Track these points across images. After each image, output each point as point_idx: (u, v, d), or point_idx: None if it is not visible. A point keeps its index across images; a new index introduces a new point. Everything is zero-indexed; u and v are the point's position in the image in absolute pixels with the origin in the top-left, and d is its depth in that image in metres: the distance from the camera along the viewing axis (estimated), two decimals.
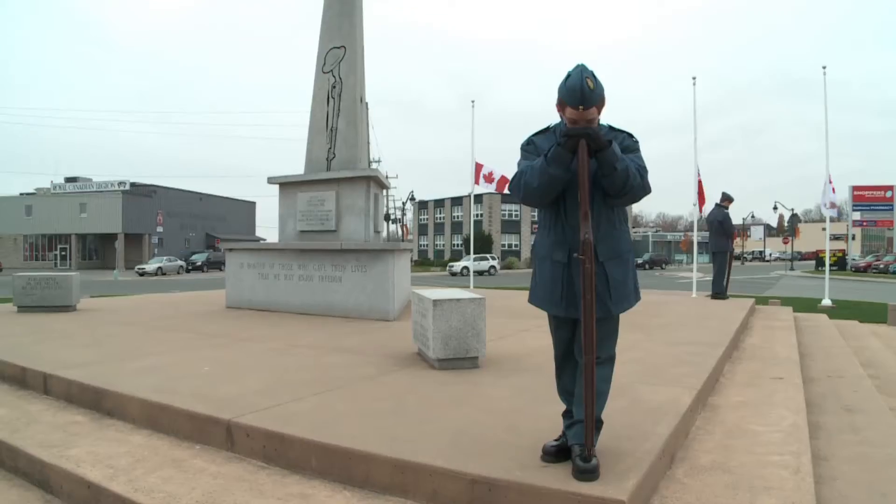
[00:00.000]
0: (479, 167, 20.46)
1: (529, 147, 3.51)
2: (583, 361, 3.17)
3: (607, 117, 3.34)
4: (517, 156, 3.57)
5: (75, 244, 75.21)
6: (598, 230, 3.28)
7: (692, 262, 18.08)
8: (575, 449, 3.23)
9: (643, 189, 3.29)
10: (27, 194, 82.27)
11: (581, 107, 3.10)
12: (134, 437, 4.46)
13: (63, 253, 75.90)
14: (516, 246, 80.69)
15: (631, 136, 3.48)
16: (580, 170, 3.11)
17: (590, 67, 3.17)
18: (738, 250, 72.94)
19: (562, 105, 3.23)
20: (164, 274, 58.96)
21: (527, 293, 3.71)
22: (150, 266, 59.76)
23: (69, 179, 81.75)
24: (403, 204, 77.67)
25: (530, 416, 4.26)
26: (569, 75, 3.16)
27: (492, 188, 21.31)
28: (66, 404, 5.36)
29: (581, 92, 3.08)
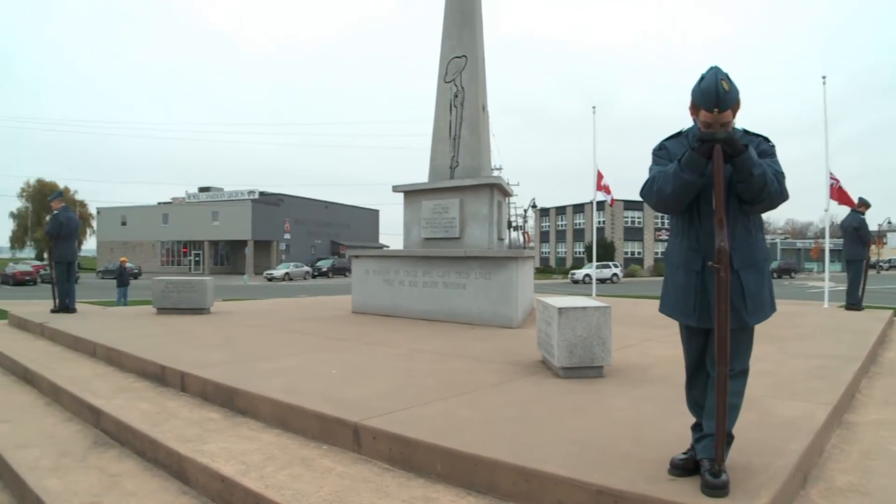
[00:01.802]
0: (600, 174, 20.31)
1: (661, 152, 3.47)
2: (715, 373, 3.10)
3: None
4: (641, 162, 3.53)
5: (208, 250, 79.29)
6: (734, 238, 3.19)
7: (824, 271, 17.21)
8: (704, 463, 3.15)
9: (781, 195, 3.19)
10: (164, 203, 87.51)
11: (716, 109, 3.04)
12: (265, 435, 4.66)
13: (197, 258, 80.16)
14: (639, 253, 79.40)
15: (767, 139, 3.39)
16: (715, 175, 3.04)
17: (724, 70, 3.10)
18: (873, 258, 68.80)
19: (695, 108, 3.18)
20: (291, 279, 61.24)
21: (651, 302, 3.66)
22: (278, 271, 62.28)
23: (202, 189, 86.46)
24: (525, 211, 77.61)
25: (656, 427, 4.18)
26: (703, 77, 3.12)
27: (607, 199, 21.14)
28: (202, 402, 5.67)
29: (716, 94, 3.02)
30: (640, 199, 3.49)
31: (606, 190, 20.73)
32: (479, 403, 4.91)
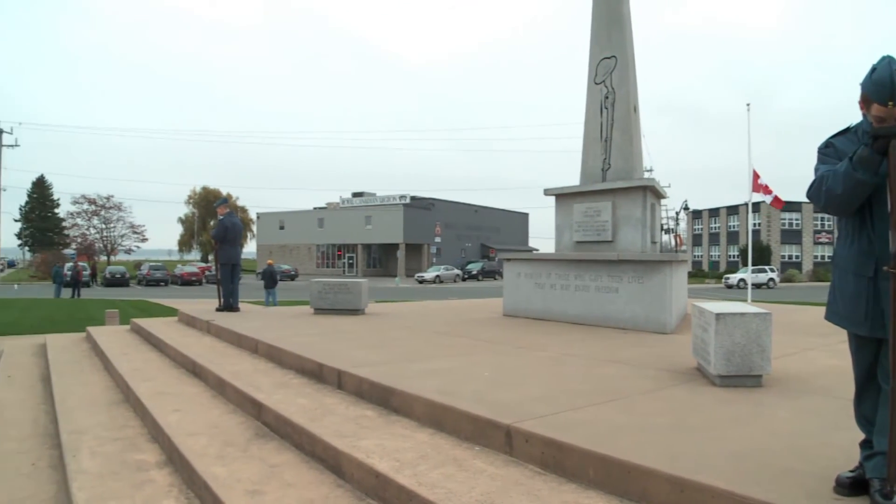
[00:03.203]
0: (756, 174, 19.52)
1: (828, 150, 3.29)
2: (888, 387, 2.91)
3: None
4: (801, 161, 3.37)
5: (361, 253, 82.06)
6: None
7: None
8: (874, 483, 2.96)
9: None
10: (319, 208, 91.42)
11: (890, 103, 2.84)
12: (418, 434, 4.77)
13: (350, 261, 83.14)
14: (797, 257, 75.94)
15: None
16: (891, 174, 2.84)
17: None
18: None
19: (866, 102, 2.99)
20: (441, 282, 62.39)
21: (811, 308, 3.48)
22: (429, 274, 63.61)
23: (356, 194, 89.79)
24: (677, 213, 75.59)
25: (819, 442, 3.96)
26: (874, 68, 2.93)
27: (767, 200, 20.25)
28: (357, 399, 5.88)
29: (891, 86, 2.83)
30: (797, 200, 3.34)
31: (766, 190, 19.89)
32: (633, 410, 4.83)
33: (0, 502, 4.73)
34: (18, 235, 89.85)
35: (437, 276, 63.41)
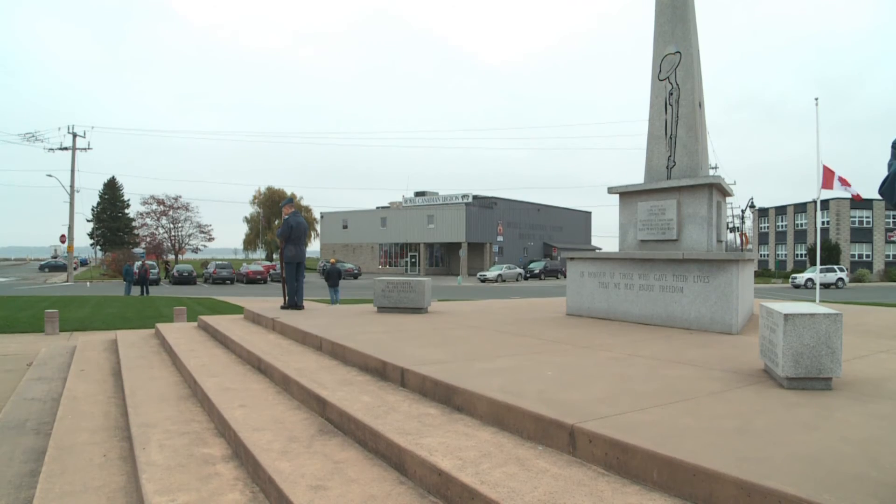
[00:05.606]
0: (828, 172, 19.02)
1: None
2: None
3: None
4: (875, 157, 3.27)
5: (423, 252, 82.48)
6: None
7: None
8: None
9: None
10: (382, 208, 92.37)
11: None
12: (481, 432, 4.79)
13: (413, 260, 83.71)
14: (867, 256, 74.00)
15: None
16: None
17: None
18: None
19: None
20: (503, 281, 62.44)
21: (883, 309, 3.38)
22: (491, 273, 63.73)
23: (418, 194, 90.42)
24: (742, 211, 74.13)
25: (893, 448, 3.85)
26: None
27: (847, 194, 19.73)
28: (420, 397, 5.93)
29: None
30: (868, 197, 3.24)
31: (843, 181, 19.39)
32: (699, 412, 4.76)
33: (74, 491, 4.91)
34: (90, 235, 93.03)
35: (500, 274, 63.44)
